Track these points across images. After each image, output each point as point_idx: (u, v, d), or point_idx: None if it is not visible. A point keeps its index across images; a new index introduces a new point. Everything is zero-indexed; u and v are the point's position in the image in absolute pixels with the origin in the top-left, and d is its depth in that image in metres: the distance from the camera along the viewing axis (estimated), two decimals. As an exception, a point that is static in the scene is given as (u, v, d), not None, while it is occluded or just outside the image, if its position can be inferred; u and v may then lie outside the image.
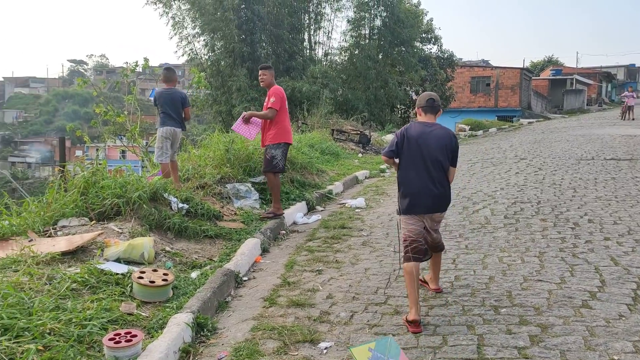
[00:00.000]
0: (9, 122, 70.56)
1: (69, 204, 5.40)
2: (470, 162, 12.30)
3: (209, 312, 3.91)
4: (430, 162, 3.82)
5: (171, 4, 21.93)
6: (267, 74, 6.64)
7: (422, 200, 3.86)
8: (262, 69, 6.72)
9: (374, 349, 2.94)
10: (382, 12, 23.52)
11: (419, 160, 3.83)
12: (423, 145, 3.84)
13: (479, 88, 38.11)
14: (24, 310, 3.15)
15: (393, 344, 3.01)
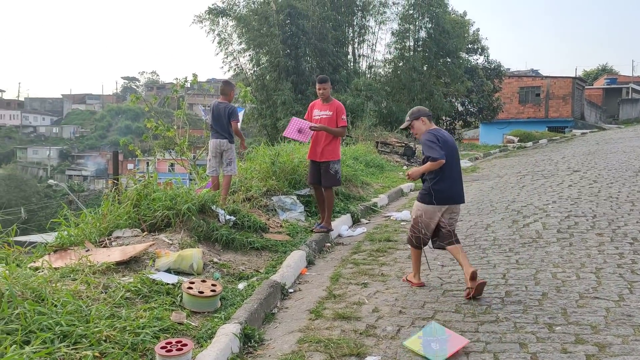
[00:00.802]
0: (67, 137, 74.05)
1: (123, 215, 5.60)
2: (520, 175, 11.99)
3: (256, 323, 3.95)
4: (457, 161, 4.65)
5: (218, 21, 22.52)
6: (327, 87, 6.54)
7: (458, 193, 4.63)
8: (322, 82, 6.51)
9: (422, 336, 3.45)
10: (427, 24, 23.41)
11: (454, 159, 4.56)
12: (453, 147, 4.59)
13: (528, 98, 37.19)
14: (82, 318, 3.28)
15: (437, 327, 3.52)
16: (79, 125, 76.74)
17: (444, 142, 4.45)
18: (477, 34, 28.59)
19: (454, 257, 4.62)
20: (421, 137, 4.60)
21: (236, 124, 7.03)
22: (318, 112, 6.60)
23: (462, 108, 29.08)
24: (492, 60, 29.36)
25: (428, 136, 4.51)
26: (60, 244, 4.96)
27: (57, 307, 3.27)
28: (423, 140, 4.54)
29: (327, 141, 6.56)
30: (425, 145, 4.47)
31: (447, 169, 4.45)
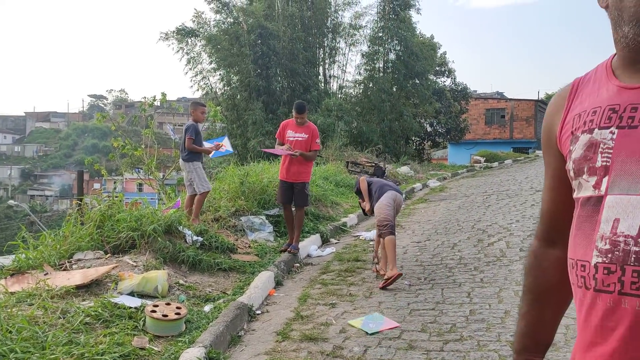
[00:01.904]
0: (29, 155, 72.09)
1: (85, 237, 5.46)
2: (486, 194, 12.22)
3: (222, 347, 3.88)
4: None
5: (186, 40, 22.43)
6: (305, 116, 6.63)
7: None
8: (301, 112, 6.55)
9: (364, 319, 4.34)
10: (396, 46, 23.84)
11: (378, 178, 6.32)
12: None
13: (493, 120, 38.11)
14: (38, 344, 3.17)
15: (378, 316, 4.39)
16: (43, 143, 74.88)
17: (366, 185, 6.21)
18: (444, 56, 29.25)
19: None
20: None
21: (189, 141, 6.82)
22: (293, 134, 6.60)
23: (430, 129, 29.56)
24: (459, 83, 30.02)
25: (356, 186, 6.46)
26: (17, 268, 4.80)
27: (12, 334, 3.16)
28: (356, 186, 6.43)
29: (302, 163, 6.59)
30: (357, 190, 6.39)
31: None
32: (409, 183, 15.71)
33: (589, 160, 1.04)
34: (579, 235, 1.05)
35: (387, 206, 5.77)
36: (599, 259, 0.99)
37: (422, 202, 11.99)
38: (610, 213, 0.98)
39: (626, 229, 0.95)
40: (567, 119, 1.14)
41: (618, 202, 0.98)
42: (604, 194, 1.00)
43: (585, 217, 1.04)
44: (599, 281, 0.99)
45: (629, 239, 0.95)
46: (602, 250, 0.98)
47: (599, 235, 0.99)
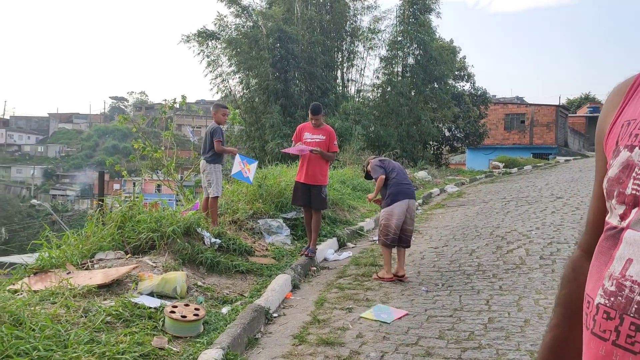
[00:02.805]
0: (52, 156, 73.33)
1: (106, 237, 5.55)
2: (505, 200, 12.10)
3: (239, 349, 3.91)
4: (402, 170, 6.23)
5: (207, 43, 22.65)
6: (321, 117, 6.65)
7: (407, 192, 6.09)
8: (317, 113, 6.55)
9: (373, 311, 4.73)
10: (415, 50, 23.77)
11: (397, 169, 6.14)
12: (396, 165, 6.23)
13: (513, 125, 37.73)
14: (60, 343, 3.22)
15: (383, 306, 4.85)
16: (65, 144, 76.16)
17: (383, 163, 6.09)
18: (463, 61, 29.08)
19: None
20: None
21: (218, 143, 6.91)
22: (310, 136, 6.61)
23: (449, 133, 29.38)
24: (478, 87, 29.84)
25: (372, 165, 6.15)
26: (40, 266, 4.89)
27: (35, 331, 3.22)
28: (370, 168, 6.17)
29: (320, 165, 6.60)
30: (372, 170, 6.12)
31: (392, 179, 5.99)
32: (427, 188, 15.63)
33: (620, 184, 0.92)
34: (594, 266, 0.96)
35: (397, 217, 5.83)
36: (602, 300, 0.90)
37: (439, 208, 11.92)
38: (626, 251, 0.88)
39: (635, 273, 0.85)
40: (617, 121, 0.99)
41: (636, 241, 0.86)
42: (625, 227, 0.90)
43: (605, 247, 0.93)
44: (597, 324, 0.90)
45: (636, 285, 0.84)
46: (607, 291, 0.89)
47: (608, 273, 0.90)
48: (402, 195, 5.89)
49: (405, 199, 5.89)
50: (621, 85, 1.03)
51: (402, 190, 5.94)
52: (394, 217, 5.81)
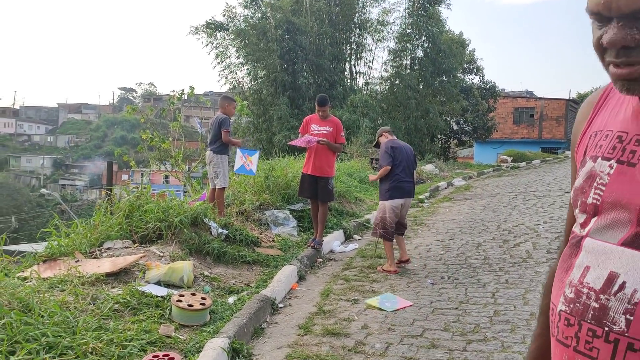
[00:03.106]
0: (62, 146, 73.81)
1: (114, 226, 5.59)
2: (512, 194, 12.06)
3: (245, 338, 3.94)
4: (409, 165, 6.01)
5: (215, 34, 22.64)
6: (327, 109, 6.61)
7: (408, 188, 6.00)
8: (323, 104, 6.54)
9: (379, 298, 4.78)
10: (424, 43, 23.65)
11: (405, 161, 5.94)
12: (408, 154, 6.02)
13: (522, 119, 37.50)
14: (69, 329, 3.26)
15: (390, 295, 4.89)
16: (74, 134, 76.60)
17: (399, 150, 5.91)
18: (472, 54, 28.87)
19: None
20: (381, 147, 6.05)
21: (226, 134, 6.91)
22: (317, 127, 6.60)
23: (457, 127, 29.26)
24: (487, 81, 29.63)
25: (384, 146, 5.97)
26: (49, 254, 4.94)
27: (44, 318, 3.26)
28: (381, 148, 6.01)
29: (327, 157, 6.59)
30: (381, 154, 5.98)
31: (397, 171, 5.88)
32: (434, 181, 15.59)
33: (583, 194, 0.94)
34: (558, 274, 0.97)
35: (393, 212, 5.88)
36: (563, 307, 0.91)
37: (446, 201, 11.90)
38: (584, 259, 0.90)
39: (592, 280, 0.86)
40: (586, 132, 1.02)
41: (594, 248, 0.88)
42: (585, 235, 0.91)
43: (567, 255, 0.95)
44: (559, 331, 0.91)
45: (592, 292, 0.85)
46: (568, 298, 0.90)
47: (568, 281, 0.91)
48: (399, 192, 5.90)
49: (402, 197, 5.93)
50: (592, 96, 1.07)
51: (402, 187, 5.92)
52: (390, 212, 5.87)
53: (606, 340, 0.82)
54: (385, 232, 5.86)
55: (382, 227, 5.87)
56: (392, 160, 5.88)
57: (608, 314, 0.83)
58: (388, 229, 5.85)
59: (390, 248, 5.92)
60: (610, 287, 0.83)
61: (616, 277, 0.83)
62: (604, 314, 0.83)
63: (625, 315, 0.81)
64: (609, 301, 0.83)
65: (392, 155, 5.87)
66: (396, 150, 5.92)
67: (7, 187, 50.55)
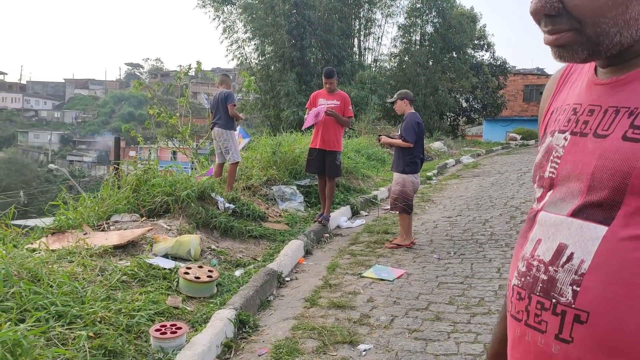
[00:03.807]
0: (69, 122, 74.02)
1: (122, 200, 5.62)
2: (520, 172, 11.99)
3: (251, 310, 3.98)
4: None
5: (223, 8, 22.39)
6: (334, 81, 6.57)
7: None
8: (330, 76, 6.53)
9: (373, 270, 4.97)
10: (434, 19, 23.30)
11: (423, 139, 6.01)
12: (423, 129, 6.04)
13: (532, 97, 37.03)
14: (77, 299, 3.30)
15: (382, 267, 5.10)
16: (81, 110, 76.71)
17: (420, 127, 5.85)
18: (483, 29, 28.44)
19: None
20: (405, 115, 5.92)
21: (232, 107, 6.89)
22: (325, 102, 6.53)
23: (466, 104, 29.00)
24: (498, 57, 29.26)
25: (412, 120, 5.83)
26: (58, 227, 4.98)
27: (52, 288, 3.30)
28: (408, 120, 5.84)
29: (335, 131, 6.55)
30: (407, 127, 5.78)
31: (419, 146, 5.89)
32: (442, 159, 15.53)
33: (541, 168, 0.94)
34: (515, 250, 0.96)
35: (413, 185, 5.89)
36: (516, 281, 0.89)
37: (454, 178, 11.86)
38: (537, 232, 0.88)
39: (542, 252, 0.85)
40: (549, 109, 1.01)
41: (546, 221, 0.87)
42: (540, 209, 0.90)
43: (523, 231, 0.94)
44: (513, 305, 0.90)
45: (541, 264, 0.84)
46: (520, 272, 0.89)
47: (522, 255, 0.90)
48: (417, 167, 5.95)
49: (417, 172, 5.99)
50: (555, 73, 1.05)
51: (419, 163, 5.96)
52: (410, 185, 5.84)
53: (553, 313, 0.81)
54: (406, 205, 5.81)
55: (403, 201, 5.80)
56: (416, 137, 5.80)
57: (556, 285, 0.81)
58: (409, 201, 5.82)
59: (409, 221, 5.90)
60: (558, 259, 0.82)
61: (565, 248, 0.82)
62: (552, 286, 0.82)
63: (572, 287, 0.79)
64: (557, 273, 0.81)
65: (417, 133, 5.81)
66: (420, 127, 5.89)
67: (16, 162, 50.93)
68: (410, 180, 5.85)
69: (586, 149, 0.84)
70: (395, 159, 6.01)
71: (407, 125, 5.81)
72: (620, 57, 0.83)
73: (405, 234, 5.92)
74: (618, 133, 0.80)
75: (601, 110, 0.85)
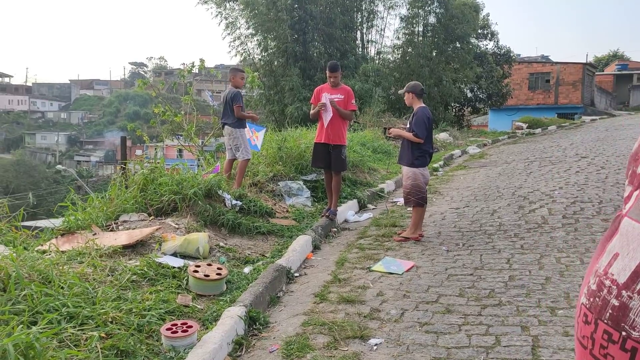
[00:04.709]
0: (75, 122, 74.35)
1: (130, 200, 5.64)
2: (527, 161, 11.92)
3: (261, 307, 3.99)
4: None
5: (225, 4, 22.34)
6: (339, 75, 6.54)
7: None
8: (334, 70, 6.48)
9: (383, 264, 4.93)
10: (436, 9, 23.13)
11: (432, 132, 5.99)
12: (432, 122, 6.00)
13: (537, 85, 36.78)
14: (88, 300, 3.32)
15: (391, 259, 5.05)
16: (87, 111, 77.01)
17: (430, 124, 5.84)
18: (486, 18, 28.19)
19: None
20: (416, 110, 5.89)
21: (238, 109, 6.88)
22: (328, 96, 6.53)
23: (471, 94, 28.79)
24: (502, 46, 29.00)
25: (423, 114, 5.79)
26: (67, 228, 5.01)
27: (63, 289, 3.32)
28: (419, 115, 5.79)
29: (339, 125, 6.53)
30: (418, 122, 5.74)
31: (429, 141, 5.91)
32: (448, 149, 15.47)
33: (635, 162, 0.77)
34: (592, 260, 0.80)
35: (423, 176, 5.89)
36: (584, 300, 0.77)
37: (461, 169, 11.81)
38: (616, 243, 0.74)
39: (617, 271, 0.71)
40: None
41: (629, 231, 0.71)
42: (624, 214, 0.75)
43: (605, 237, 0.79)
44: (579, 328, 0.77)
45: (614, 285, 0.70)
46: (590, 290, 0.75)
47: (595, 269, 0.76)
48: (428, 162, 5.99)
49: (426, 165, 6.00)
50: None
51: (427, 157, 5.97)
52: (423, 178, 5.86)
53: (622, 348, 0.68)
54: (420, 198, 5.82)
55: (416, 194, 5.81)
56: (426, 132, 5.79)
57: (628, 315, 0.68)
58: (422, 194, 5.83)
59: (422, 214, 5.93)
60: (635, 282, 0.68)
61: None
62: (623, 315, 0.68)
63: None
64: (631, 300, 0.68)
65: (427, 128, 5.79)
66: (430, 121, 5.87)
67: (24, 164, 51.25)
68: (420, 172, 5.85)
69: None
70: (403, 152, 5.98)
71: (418, 120, 5.77)
72: None
73: (415, 227, 5.91)
74: None
75: None
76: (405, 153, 5.92)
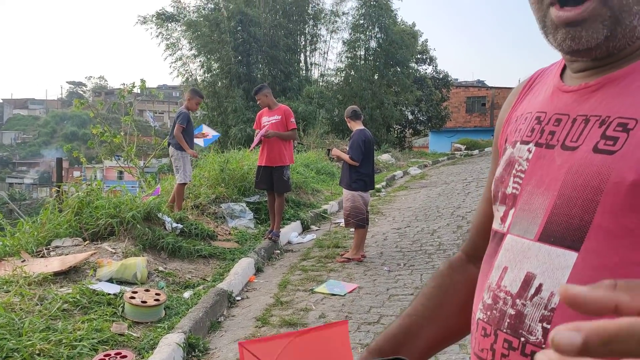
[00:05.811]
0: (7, 143, 70.71)
1: (63, 224, 5.41)
2: (466, 182, 12.35)
3: (201, 332, 3.90)
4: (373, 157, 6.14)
5: (166, 25, 22.11)
6: (262, 96, 6.60)
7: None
8: (256, 93, 6.62)
9: (326, 286, 4.98)
10: (377, 34, 23.81)
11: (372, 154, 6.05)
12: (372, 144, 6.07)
13: (474, 108, 38.38)
14: (14, 331, 3.14)
15: (334, 282, 5.10)
16: (21, 131, 73.48)
17: (369, 142, 5.90)
18: (425, 44, 29.29)
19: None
20: (353, 133, 6.00)
21: (178, 128, 6.70)
22: (267, 119, 6.58)
23: (412, 117, 29.66)
24: (440, 70, 30.14)
25: (359, 137, 5.85)
26: (-7, 255, 4.73)
27: (-13, 321, 3.12)
28: (354, 139, 5.87)
29: (279, 146, 6.55)
30: (354, 145, 5.83)
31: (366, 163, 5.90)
32: (390, 170, 15.80)
33: (502, 183, 0.83)
34: (479, 279, 0.85)
35: (362, 197, 5.94)
36: (481, 315, 0.79)
37: (402, 190, 12.08)
38: (503, 258, 0.78)
39: (509, 283, 0.75)
40: (510, 118, 0.91)
41: (513, 246, 0.77)
42: (506, 232, 0.80)
43: (488, 255, 0.83)
44: (477, 343, 0.79)
45: (508, 297, 0.74)
46: (485, 304, 0.78)
47: (487, 284, 0.80)
48: (369, 186, 6.04)
49: (369, 190, 6.09)
50: (518, 85, 0.96)
51: (371, 181, 6.05)
52: (362, 199, 5.91)
53: (522, 353, 0.71)
54: (360, 219, 5.85)
55: (355, 216, 5.85)
56: (362, 155, 5.83)
57: (524, 321, 0.71)
58: (362, 215, 5.86)
59: (363, 235, 5.98)
60: (527, 291, 0.72)
61: (533, 279, 0.72)
62: (519, 322, 0.72)
63: (541, 324, 0.70)
64: (525, 307, 0.72)
65: (363, 152, 5.82)
66: (367, 144, 5.87)
67: (-51, 187, 48.10)
68: (359, 194, 5.90)
69: (553, 162, 0.74)
70: (343, 174, 6.07)
71: (354, 144, 5.84)
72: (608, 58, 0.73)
73: (357, 248, 5.96)
74: (588, 145, 0.71)
75: (569, 120, 0.75)
76: (344, 175, 6.01)
